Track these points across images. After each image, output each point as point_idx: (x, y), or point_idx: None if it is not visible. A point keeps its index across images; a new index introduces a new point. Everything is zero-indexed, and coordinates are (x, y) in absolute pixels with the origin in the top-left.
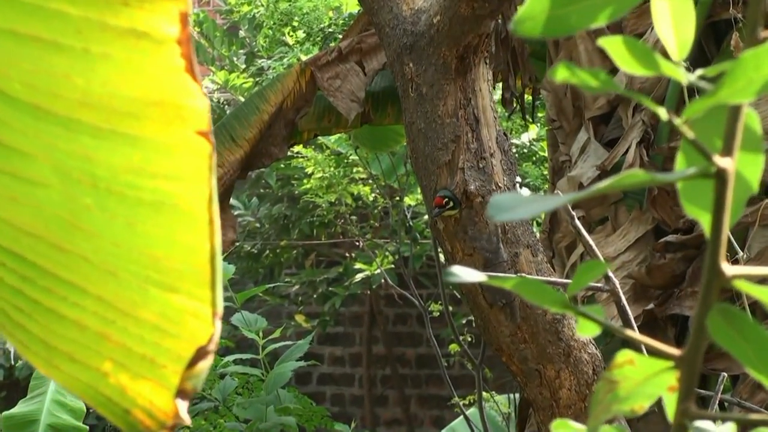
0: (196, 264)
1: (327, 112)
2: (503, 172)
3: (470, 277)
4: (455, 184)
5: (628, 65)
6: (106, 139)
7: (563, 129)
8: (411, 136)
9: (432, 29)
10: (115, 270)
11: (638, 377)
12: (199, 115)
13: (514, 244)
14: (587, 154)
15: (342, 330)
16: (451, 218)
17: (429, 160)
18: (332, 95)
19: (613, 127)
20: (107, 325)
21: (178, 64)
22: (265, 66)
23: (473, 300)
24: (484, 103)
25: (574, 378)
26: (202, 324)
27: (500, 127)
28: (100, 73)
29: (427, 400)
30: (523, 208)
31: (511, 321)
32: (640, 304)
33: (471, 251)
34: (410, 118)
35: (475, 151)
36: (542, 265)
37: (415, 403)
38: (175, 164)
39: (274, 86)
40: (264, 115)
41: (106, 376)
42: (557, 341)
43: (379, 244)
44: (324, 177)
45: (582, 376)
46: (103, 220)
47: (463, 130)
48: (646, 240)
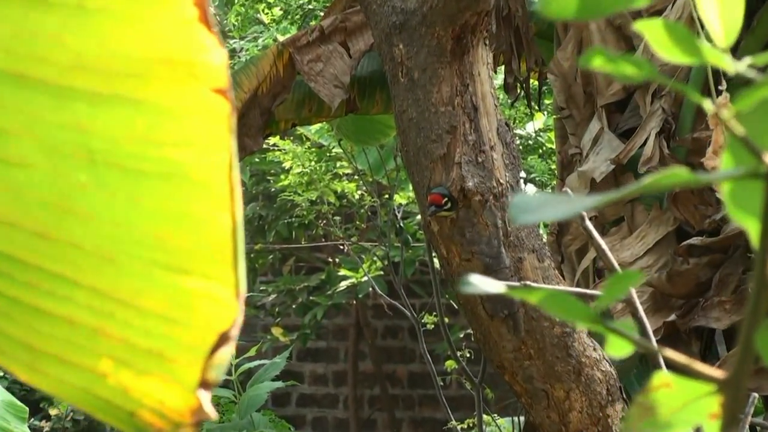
0: (214, 240)
1: (307, 100)
2: (505, 166)
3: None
4: (451, 181)
5: (669, 52)
6: (104, 107)
7: (573, 118)
8: (401, 127)
9: (425, 6)
10: (113, 255)
11: (676, 403)
12: (215, 71)
13: (518, 248)
14: (600, 145)
15: (324, 345)
16: (447, 219)
17: (422, 154)
18: (313, 80)
19: (630, 116)
20: (104, 318)
21: (189, 15)
22: (237, 48)
23: (472, 311)
24: (484, 89)
25: (586, 399)
26: (221, 308)
27: (502, 116)
28: (97, 30)
29: (420, 423)
30: (550, 210)
31: (514, 334)
32: (660, 315)
33: (469, 256)
34: (401, 106)
35: (474, 144)
36: (549, 271)
37: (407, 427)
38: (186, 129)
39: (248, 71)
40: (237, 103)
41: (104, 376)
42: (566, 357)
43: (366, 248)
44: (304, 172)
45: (595, 396)
46: (101, 199)
47: (459, 119)
48: (667, 243)
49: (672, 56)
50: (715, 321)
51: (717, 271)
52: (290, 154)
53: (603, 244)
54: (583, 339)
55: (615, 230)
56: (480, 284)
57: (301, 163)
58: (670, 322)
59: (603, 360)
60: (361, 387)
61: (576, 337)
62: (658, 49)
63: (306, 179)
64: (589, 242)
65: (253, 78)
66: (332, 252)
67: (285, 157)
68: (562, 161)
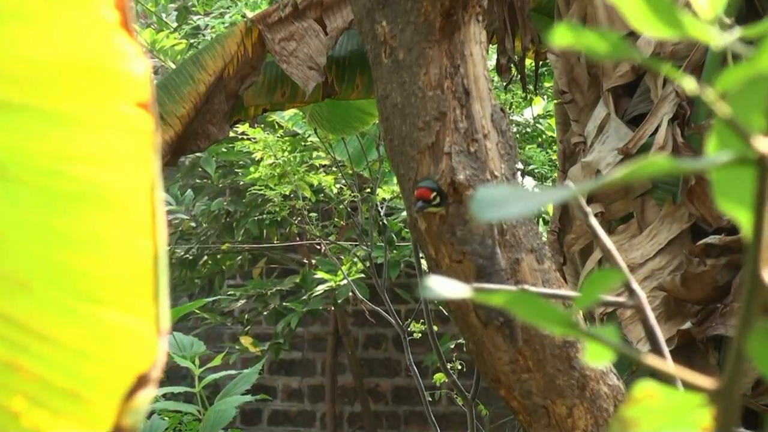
0: (133, 269)
1: (279, 83)
2: (500, 157)
3: (456, 291)
4: (440, 173)
5: (646, 25)
6: (13, 117)
7: (576, 103)
8: (385, 113)
9: None
10: (26, 280)
11: (662, 416)
12: (137, 82)
13: (515, 248)
14: (606, 134)
15: (299, 356)
16: (436, 216)
17: (407, 143)
18: (285, 61)
19: (640, 100)
20: (17, 352)
21: (109, 19)
22: (201, 24)
23: (464, 318)
24: (476, 71)
25: (591, 416)
26: (142, 345)
27: (496, 101)
28: (7, 33)
29: None
30: (520, 203)
31: (510, 344)
32: (673, 322)
33: (460, 257)
34: (384, 90)
35: (465, 132)
36: (549, 274)
37: None
38: (104, 145)
39: (213, 50)
40: (200, 86)
41: (16, 416)
42: (569, 370)
43: (345, 248)
44: (276, 164)
45: (601, 413)
46: (11, 220)
47: (449, 104)
48: (681, 242)
49: (651, 30)
50: None
51: (737, 274)
52: (260, 144)
53: (609, 243)
54: None
55: (623, 228)
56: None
57: (273, 153)
58: (686, 330)
59: (610, 373)
60: (340, 403)
61: (580, 348)
62: (634, 23)
63: (278, 171)
64: (594, 242)
65: (218, 58)
66: (308, 252)
67: (255, 147)
68: (564, 151)
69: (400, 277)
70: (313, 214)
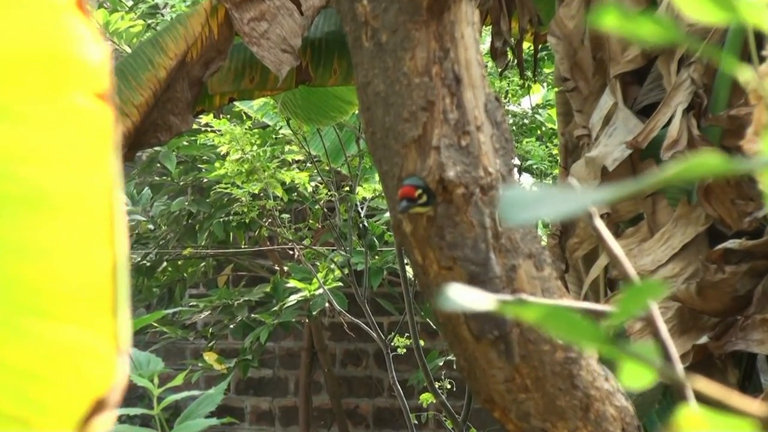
0: (91, 281)
1: (248, 68)
2: (495, 152)
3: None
4: (428, 169)
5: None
6: None
7: (579, 91)
8: (366, 102)
9: None
10: None
11: None
12: (94, 70)
13: (511, 254)
14: (613, 125)
15: (270, 374)
16: (423, 217)
17: (391, 136)
18: (256, 43)
19: (651, 88)
20: None
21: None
22: (160, 3)
23: (454, 331)
24: (468, 55)
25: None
26: (99, 365)
27: (490, 89)
28: None
29: None
30: (549, 206)
31: (506, 361)
32: (688, 337)
33: (450, 263)
34: (365, 76)
35: (456, 123)
36: (550, 282)
37: None
38: (58, 143)
39: (174, 32)
40: (160, 72)
41: None
42: (571, 389)
43: (321, 254)
44: (244, 159)
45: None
46: None
47: (438, 93)
48: (697, 247)
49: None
50: (757, 344)
51: (760, 282)
52: (227, 137)
53: (617, 248)
54: (592, 367)
55: (632, 231)
56: (463, 298)
57: (241, 147)
58: (702, 346)
59: (617, 393)
60: (316, 426)
61: (583, 365)
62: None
63: (246, 168)
64: (600, 246)
65: (180, 41)
66: (279, 258)
67: (220, 140)
68: (566, 145)
69: (383, 286)
70: (286, 216)
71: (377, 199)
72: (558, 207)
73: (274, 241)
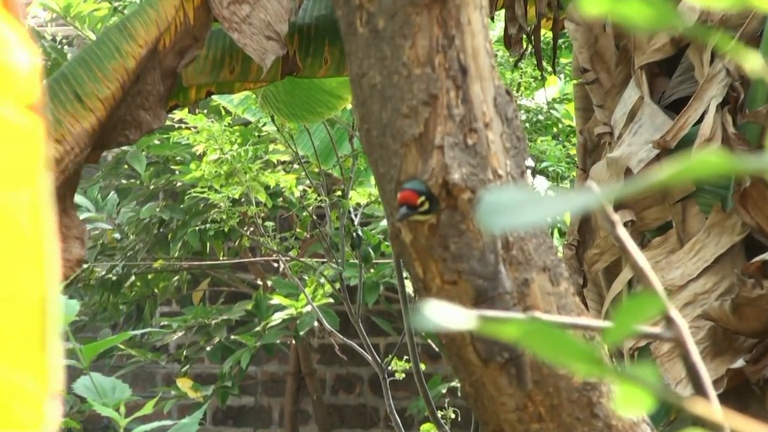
0: (14, 311)
1: (228, 57)
2: (505, 151)
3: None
4: (430, 171)
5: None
6: None
7: (600, 83)
8: (360, 97)
9: None
10: None
11: None
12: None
13: (523, 266)
14: (639, 122)
15: (252, 402)
16: (424, 225)
17: (389, 134)
18: (237, 29)
19: (681, 81)
20: None
21: None
22: None
23: (459, 354)
24: (476, 43)
25: None
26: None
27: (501, 81)
28: None
29: None
30: (533, 210)
31: (517, 387)
32: (722, 359)
33: (455, 277)
34: (359, 67)
35: (462, 120)
36: (567, 298)
37: None
38: None
39: (144, 16)
40: (129, 61)
41: None
42: (590, 419)
43: (310, 267)
44: (222, 160)
45: None
46: None
47: (441, 86)
48: (732, 259)
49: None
50: None
51: None
52: (203, 135)
53: (642, 260)
54: (614, 393)
55: (659, 241)
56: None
57: (219, 146)
58: (737, 370)
59: (642, 423)
60: None
61: (604, 391)
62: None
63: (225, 169)
64: (623, 258)
65: (151, 26)
66: (262, 272)
67: (196, 139)
68: (585, 144)
69: (379, 303)
70: (270, 224)
71: (373, 205)
72: (534, 212)
73: (257, 252)
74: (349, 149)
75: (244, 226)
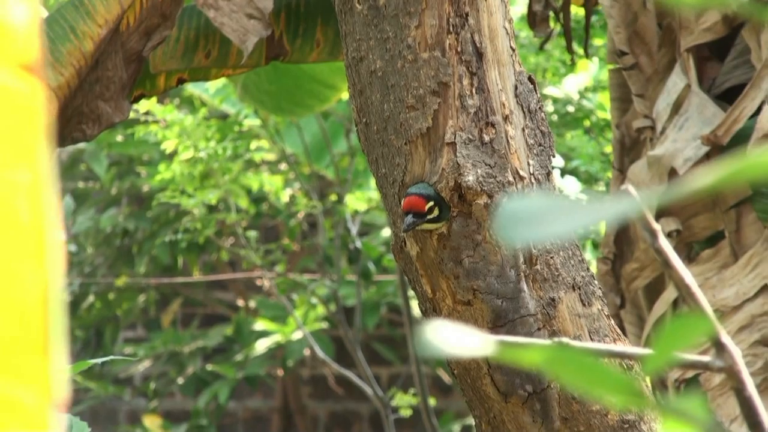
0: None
1: (203, 39)
2: (527, 149)
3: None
4: (439, 173)
5: None
6: None
7: (640, 69)
8: (358, 85)
9: None
10: None
11: None
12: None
13: (549, 284)
14: (685, 115)
15: None
16: (434, 236)
17: (391, 129)
18: (212, 6)
19: (734, 65)
20: None
21: None
22: None
23: (473, 386)
24: (493, 22)
25: None
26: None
27: (522, 66)
28: None
29: None
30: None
31: (543, 425)
32: None
33: (469, 297)
34: (356, 50)
35: (477, 112)
36: (600, 321)
37: None
38: None
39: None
40: (86, 44)
41: None
42: None
43: (299, 284)
44: (197, 158)
45: None
46: None
47: (453, 72)
48: None
49: None
50: None
51: None
52: (174, 130)
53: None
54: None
55: (710, 254)
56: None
57: (193, 143)
58: None
59: None
60: None
61: (644, 430)
62: None
63: (200, 170)
64: (666, 274)
65: (113, 3)
66: (244, 290)
67: (166, 135)
68: (623, 140)
69: (381, 327)
70: (252, 234)
71: (373, 212)
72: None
73: (237, 267)
74: (346, 146)
75: (222, 237)
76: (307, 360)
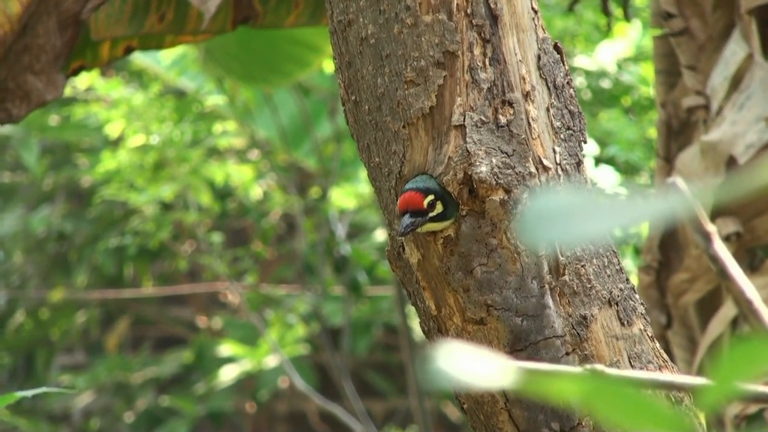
0: None
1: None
2: (553, 133)
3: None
4: (445, 163)
5: None
6: None
7: (692, 35)
8: (346, 55)
9: None
10: None
11: None
12: None
13: (580, 298)
14: (747, 91)
15: None
16: (438, 239)
17: (386, 109)
18: None
19: None
20: None
21: None
22: None
23: (487, 424)
24: None
25: None
26: None
27: (547, 32)
28: None
29: None
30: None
31: None
32: None
33: (482, 314)
34: (343, 12)
35: (490, 88)
36: (643, 344)
37: None
38: None
39: None
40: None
41: None
42: None
43: (274, 299)
44: (148, 145)
45: None
46: None
47: (462, 39)
48: None
49: None
50: None
51: None
52: (121, 109)
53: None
54: None
55: None
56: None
57: (144, 126)
58: None
59: None
60: None
61: None
62: None
63: (153, 159)
64: (723, 287)
65: None
66: (206, 306)
67: (110, 116)
68: (669, 122)
69: (374, 352)
70: (217, 237)
71: (364, 211)
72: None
73: (198, 278)
74: (330, 130)
75: (179, 242)
76: (284, 392)
